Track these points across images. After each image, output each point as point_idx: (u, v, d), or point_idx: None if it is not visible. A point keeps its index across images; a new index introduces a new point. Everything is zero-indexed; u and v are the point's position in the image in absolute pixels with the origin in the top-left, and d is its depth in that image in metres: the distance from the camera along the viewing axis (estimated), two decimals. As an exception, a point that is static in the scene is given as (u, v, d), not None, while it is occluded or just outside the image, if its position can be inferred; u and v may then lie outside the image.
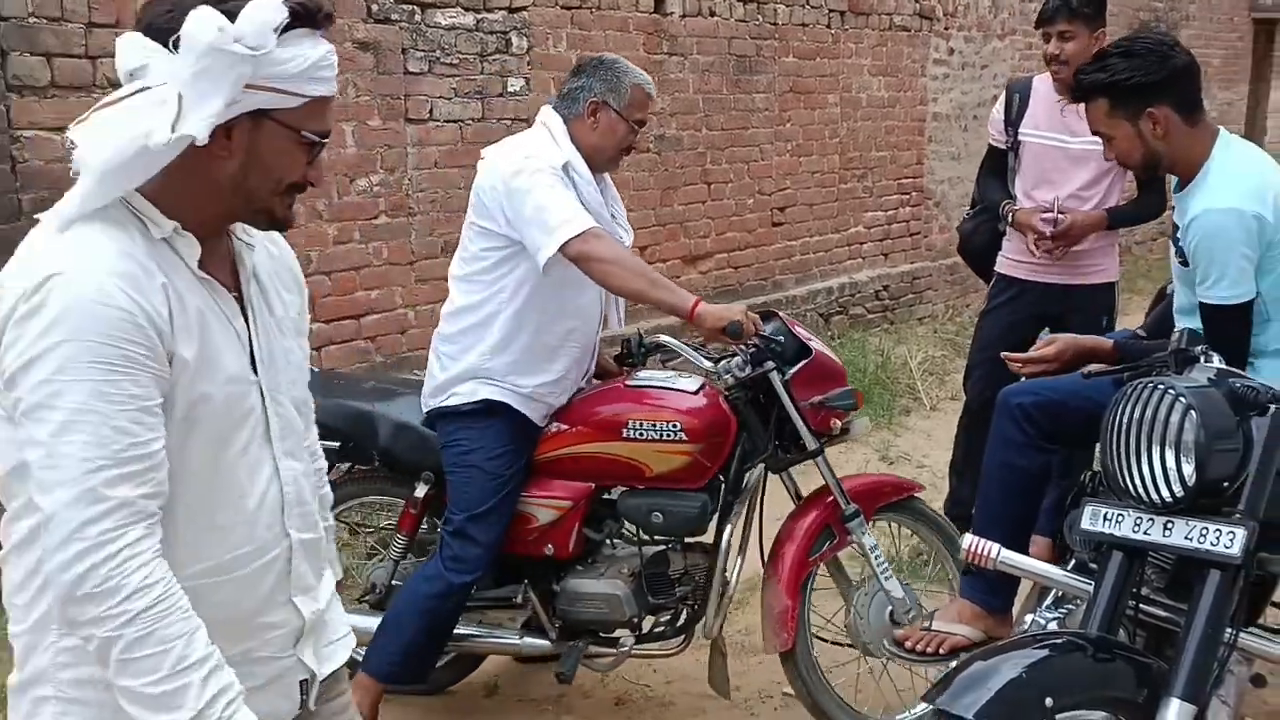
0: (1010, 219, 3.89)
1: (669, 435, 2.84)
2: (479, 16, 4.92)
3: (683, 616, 3.01)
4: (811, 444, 2.91)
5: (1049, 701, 1.82)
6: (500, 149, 2.88)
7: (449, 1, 4.77)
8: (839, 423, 2.95)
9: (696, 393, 2.92)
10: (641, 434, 2.85)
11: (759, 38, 6.44)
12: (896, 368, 6.64)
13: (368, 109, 4.53)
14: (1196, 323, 2.59)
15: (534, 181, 2.71)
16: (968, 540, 2.46)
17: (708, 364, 3.01)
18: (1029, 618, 2.62)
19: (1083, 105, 2.74)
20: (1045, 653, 1.92)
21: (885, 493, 3.11)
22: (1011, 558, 2.41)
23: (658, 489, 2.90)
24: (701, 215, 6.28)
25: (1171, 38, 2.70)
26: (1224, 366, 2.18)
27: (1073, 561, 2.55)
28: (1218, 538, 1.94)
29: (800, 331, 2.99)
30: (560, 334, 2.89)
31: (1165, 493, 2.00)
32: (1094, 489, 2.49)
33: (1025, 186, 3.91)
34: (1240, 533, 1.92)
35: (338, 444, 2.89)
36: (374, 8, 4.50)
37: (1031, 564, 2.50)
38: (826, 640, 3.22)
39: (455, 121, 4.89)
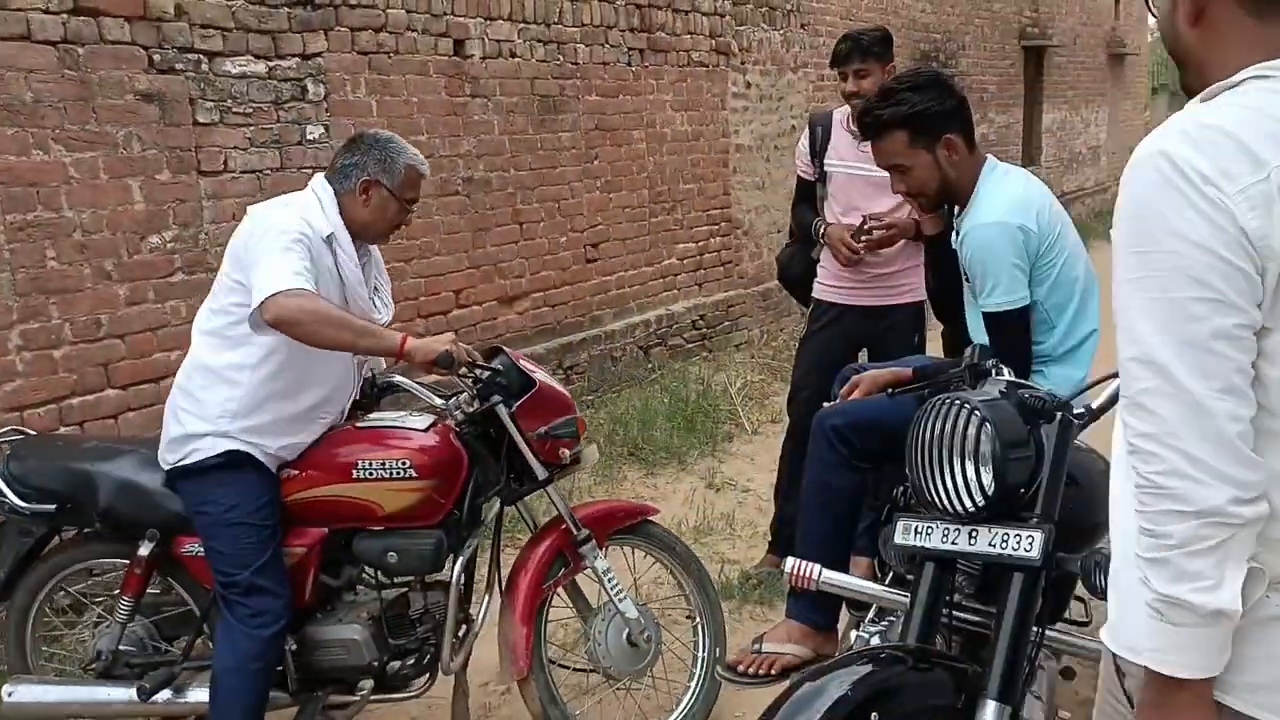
0: (822, 235, 4.04)
1: (398, 473, 2.84)
2: (271, 64, 4.78)
3: (427, 657, 3.00)
4: (541, 473, 2.97)
5: (875, 716, 1.86)
6: (266, 206, 2.85)
7: (238, 50, 4.62)
8: (568, 452, 3.01)
9: (426, 430, 2.92)
10: (371, 473, 2.84)
11: (561, 77, 6.49)
12: (717, 395, 6.76)
13: (155, 162, 4.33)
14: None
15: (272, 243, 2.67)
16: (790, 563, 2.51)
17: (438, 401, 3.05)
18: (854, 633, 2.69)
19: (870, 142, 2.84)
20: (869, 668, 1.96)
21: (618, 518, 3.18)
22: (832, 577, 2.48)
23: (392, 529, 2.90)
24: (515, 255, 6.26)
25: (945, 72, 2.84)
26: (1013, 379, 2.30)
27: (890, 575, 2.63)
28: (1019, 542, 2.04)
29: (525, 365, 3.04)
30: (311, 403, 2.85)
31: (967, 503, 2.09)
32: (906, 504, 2.59)
33: (836, 212, 4.06)
34: (1039, 536, 2.02)
35: (54, 506, 2.87)
36: (156, 57, 4.30)
37: (849, 581, 2.56)
38: (569, 668, 3.30)
39: (253, 172, 4.72)
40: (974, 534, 2.10)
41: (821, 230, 4.04)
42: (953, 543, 2.12)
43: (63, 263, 4.05)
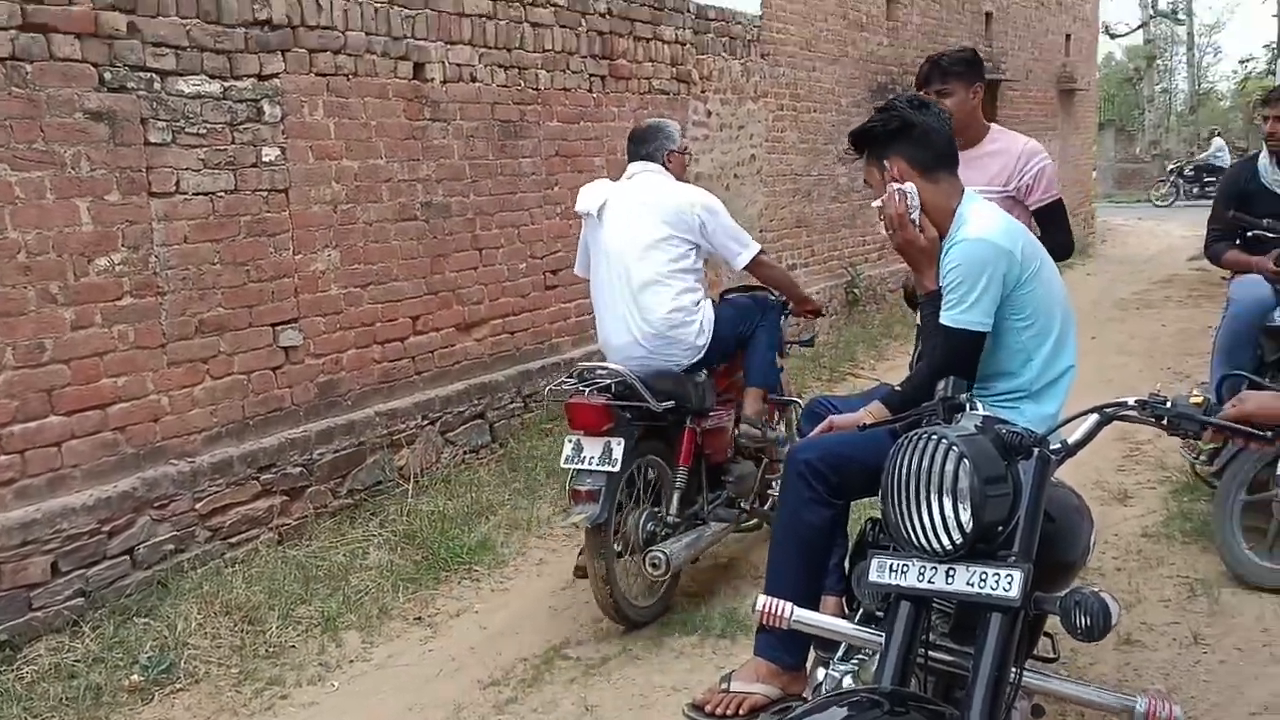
0: None
1: None
2: (226, 84, 4.67)
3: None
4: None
5: (852, 762, 1.81)
6: (687, 189, 4.39)
7: (192, 69, 4.52)
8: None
9: None
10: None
11: (522, 102, 6.44)
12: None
13: (104, 183, 4.21)
14: None
15: (726, 216, 4.33)
16: (761, 601, 2.44)
17: None
18: (821, 671, 2.63)
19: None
20: (845, 712, 1.91)
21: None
22: (805, 616, 2.41)
23: None
24: (474, 282, 6.18)
25: (920, 100, 2.87)
26: (988, 414, 2.26)
27: (860, 613, 2.58)
28: (997, 581, 1.99)
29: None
30: None
31: (945, 540, 2.04)
32: (874, 538, 2.54)
33: None
34: (1018, 575, 1.98)
35: (674, 402, 4.07)
36: (107, 76, 4.19)
37: (823, 620, 2.50)
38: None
39: (206, 194, 4.61)
40: (951, 572, 2.05)
41: None
42: (930, 581, 2.07)
43: (5, 285, 3.92)
